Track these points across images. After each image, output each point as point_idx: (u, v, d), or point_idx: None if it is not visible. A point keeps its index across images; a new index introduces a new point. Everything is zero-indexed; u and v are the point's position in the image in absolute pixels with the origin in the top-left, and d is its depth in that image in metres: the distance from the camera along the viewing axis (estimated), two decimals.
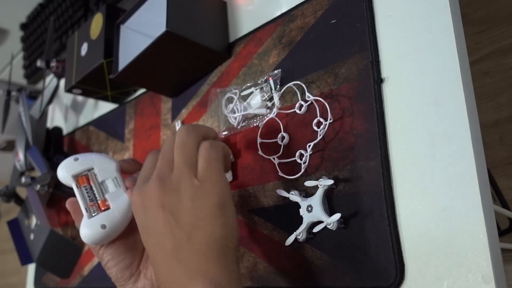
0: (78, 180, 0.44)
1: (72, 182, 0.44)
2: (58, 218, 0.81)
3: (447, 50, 0.36)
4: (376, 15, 0.41)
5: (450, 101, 0.35)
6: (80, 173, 0.44)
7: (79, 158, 0.44)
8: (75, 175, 0.44)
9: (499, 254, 0.32)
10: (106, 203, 0.43)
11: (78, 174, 0.44)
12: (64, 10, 0.88)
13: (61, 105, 0.91)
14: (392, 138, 0.37)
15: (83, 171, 0.44)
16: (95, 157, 0.45)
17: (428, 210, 0.34)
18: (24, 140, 0.79)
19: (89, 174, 0.44)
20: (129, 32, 0.57)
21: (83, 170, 0.44)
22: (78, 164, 0.44)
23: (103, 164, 0.44)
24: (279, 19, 0.49)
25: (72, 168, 0.44)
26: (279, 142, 0.45)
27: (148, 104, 0.66)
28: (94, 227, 0.41)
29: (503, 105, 1.06)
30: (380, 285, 0.35)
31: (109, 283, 0.64)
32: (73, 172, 0.43)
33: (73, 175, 0.43)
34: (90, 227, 0.41)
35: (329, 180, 0.39)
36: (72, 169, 0.44)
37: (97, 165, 0.44)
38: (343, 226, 0.38)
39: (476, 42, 1.13)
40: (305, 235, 0.40)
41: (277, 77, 0.47)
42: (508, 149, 1.04)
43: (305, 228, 0.39)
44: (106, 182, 0.44)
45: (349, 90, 0.41)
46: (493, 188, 0.82)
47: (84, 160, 0.44)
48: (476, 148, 0.33)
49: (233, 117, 0.50)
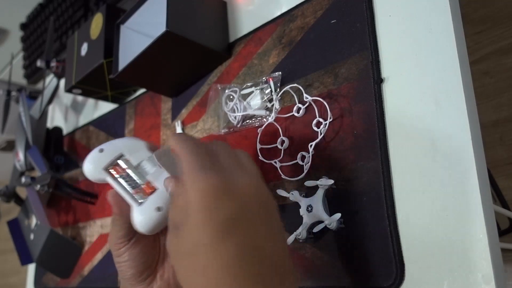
0: (110, 171, 0.40)
1: (105, 175, 0.40)
2: (58, 218, 0.81)
3: (447, 50, 0.36)
4: (376, 15, 0.41)
5: (450, 101, 0.35)
6: (110, 164, 0.40)
7: (104, 148, 0.41)
8: (105, 167, 0.40)
9: (499, 254, 0.32)
10: (151, 185, 0.39)
11: (109, 166, 0.40)
12: (64, 10, 0.88)
13: (61, 105, 0.91)
14: (392, 138, 0.37)
15: (113, 160, 0.40)
16: (121, 142, 0.41)
17: (428, 210, 0.34)
18: (24, 140, 0.79)
19: (121, 161, 0.40)
20: (129, 32, 0.57)
21: (113, 160, 0.40)
22: (105, 155, 0.40)
23: (132, 147, 0.41)
24: (279, 19, 0.49)
25: (100, 161, 0.40)
26: (279, 147, 0.45)
27: (148, 104, 0.66)
28: (148, 212, 0.38)
29: (503, 105, 1.06)
30: (380, 285, 0.35)
31: (109, 283, 0.64)
32: (103, 165, 0.40)
33: (103, 168, 0.40)
34: (145, 213, 0.38)
35: (329, 180, 0.39)
36: (101, 162, 0.40)
37: (126, 149, 0.40)
38: (343, 226, 0.38)
39: (476, 42, 1.13)
40: (305, 234, 0.40)
41: (277, 79, 0.47)
42: (508, 149, 1.04)
43: (305, 227, 0.39)
44: (142, 164, 0.40)
45: (349, 90, 0.41)
46: (493, 188, 0.83)
47: (111, 149, 0.41)
48: (476, 148, 0.33)
49: (233, 116, 0.50)
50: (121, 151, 0.40)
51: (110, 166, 0.40)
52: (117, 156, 0.40)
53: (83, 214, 0.74)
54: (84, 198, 0.71)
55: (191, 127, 0.57)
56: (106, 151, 0.40)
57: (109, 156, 0.40)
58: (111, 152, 0.40)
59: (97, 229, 0.70)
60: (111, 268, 0.65)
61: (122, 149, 0.40)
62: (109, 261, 0.66)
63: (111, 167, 0.40)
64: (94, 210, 0.72)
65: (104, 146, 0.41)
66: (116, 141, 0.41)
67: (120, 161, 0.40)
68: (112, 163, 0.40)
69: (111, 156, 0.40)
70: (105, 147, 0.41)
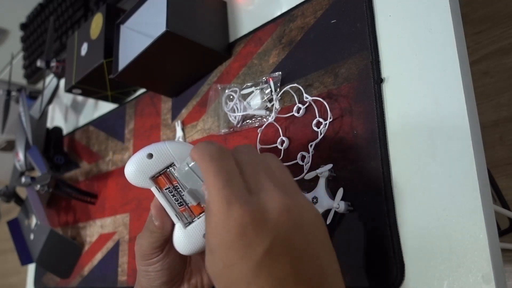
0: (157, 181, 0.36)
1: (150, 185, 0.35)
2: (58, 218, 0.81)
3: (447, 50, 0.36)
4: (376, 15, 0.41)
5: (450, 101, 0.35)
6: (159, 173, 0.36)
7: (154, 154, 0.35)
8: (153, 176, 0.36)
9: (499, 254, 0.32)
10: (202, 205, 0.35)
11: (156, 174, 0.36)
12: (64, 10, 0.88)
13: (61, 105, 0.91)
14: (392, 138, 0.37)
15: (162, 170, 0.36)
16: (171, 148, 0.35)
17: (428, 210, 0.34)
18: (24, 140, 0.79)
19: (169, 171, 0.36)
20: (129, 32, 0.57)
21: (162, 169, 0.35)
22: (154, 163, 0.35)
23: (182, 154, 0.35)
24: (279, 19, 0.49)
25: (148, 168, 0.35)
26: (279, 147, 0.45)
27: (148, 104, 0.66)
28: (194, 237, 0.34)
29: (503, 105, 1.06)
30: (380, 285, 0.35)
31: (109, 283, 0.64)
32: (151, 173, 0.35)
33: (150, 177, 0.35)
34: (190, 237, 0.35)
35: (328, 165, 0.39)
36: (149, 170, 0.35)
37: (177, 157, 0.35)
38: (352, 209, 0.38)
39: (476, 42, 1.13)
40: None
41: (277, 79, 0.47)
42: (508, 149, 1.04)
43: None
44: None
45: (349, 90, 0.41)
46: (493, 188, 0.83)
47: (162, 156, 0.35)
48: (476, 148, 0.33)
49: (233, 116, 0.50)
50: (172, 160, 0.35)
51: (157, 175, 0.36)
52: (167, 165, 0.35)
53: (83, 214, 0.74)
54: (84, 198, 0.72)
55: (191, 127, 0.57)
56: (156, 158, 0.35)
57: (159, 165, 0.35)
58: (161, 160, 0.35)
59: (97, 229, 0.70)
60: (111, 268, 0.65)
61: (173, 157, 0.35)
62: (109, 261, 0.66)
63: (158, 176, 0.36)
64: (94, 210, 0.72)
65: (153, 150, 0.35)
66: (166, 147, 0.35)
67: (169, 170, 0.36)
68: (160, 172, 0.36)
69: (161, 165, 0.35)
70: (155, 152, 0.35)
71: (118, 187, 0.68)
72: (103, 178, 0.72)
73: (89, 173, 0.76)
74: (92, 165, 0.76)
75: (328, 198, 0.39)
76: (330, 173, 0.39)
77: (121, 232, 0.65)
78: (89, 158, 0.77)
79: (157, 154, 0.35)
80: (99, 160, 0.74)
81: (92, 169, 0.76)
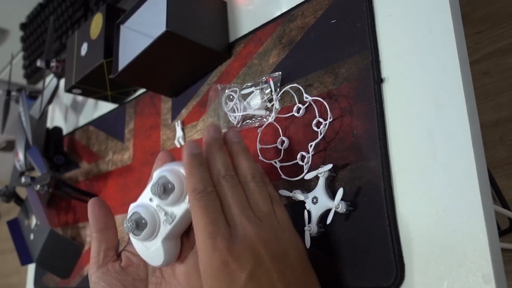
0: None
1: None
2: (58, 218, 0.81)
3: (447, 50, 0.36)
4: (376, 15, 0.41)
5: (450, 101, 0.35)
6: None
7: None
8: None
9: (499, 254, 0.32)
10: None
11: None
12: (64, 10, 0.88)
13: (61, 105, 0.91)
14: (392, 138, 0.37)
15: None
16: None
17: (428, 210, 0.34)
18: (24, 140, 0.79)
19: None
20: (129, 32, 0.57)
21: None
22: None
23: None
24: (279, 19, 0.49)
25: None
26: (279, 147, 0.45)
27: (148, 104, 0.66)
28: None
29: (503, 105, 1.06)
30: (380, 285, 0.35)
31: None
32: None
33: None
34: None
35: (328, 165, 0.39)
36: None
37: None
38: (352, 209, 0.38)
39: (476, 42, 1.13)
40: (316, 229, 0.39)
41: (277, 79, 0.47)
42: (508, 149, 1.04)
43: (316, 220, 0.39)
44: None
45: (349, 90, 0.41)
46: (493, 188, 0.83)
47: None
48: (476, 148, 0.33)
49: (233, 116, 0.50)
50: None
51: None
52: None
53: (83, 214, 0.74)
54: (84, 198, 0.72)
55: (191, 127, 0.57)
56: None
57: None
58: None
59: None
60: None
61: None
62: None
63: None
64: None
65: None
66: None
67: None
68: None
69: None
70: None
71: (118, 187, 0.68)
72: (103, 178, 0.72)
73: (89, 173, 0.76)
74: (92, 165, 0.76)
75: (328, 198, 0.39)
76: (330, 173, 0.39)
77: (121, 232, 0.65)
78: (89, 158, 0.77)
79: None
80: (99, 160, 0.74)
81: (92, 169, 0.76)
